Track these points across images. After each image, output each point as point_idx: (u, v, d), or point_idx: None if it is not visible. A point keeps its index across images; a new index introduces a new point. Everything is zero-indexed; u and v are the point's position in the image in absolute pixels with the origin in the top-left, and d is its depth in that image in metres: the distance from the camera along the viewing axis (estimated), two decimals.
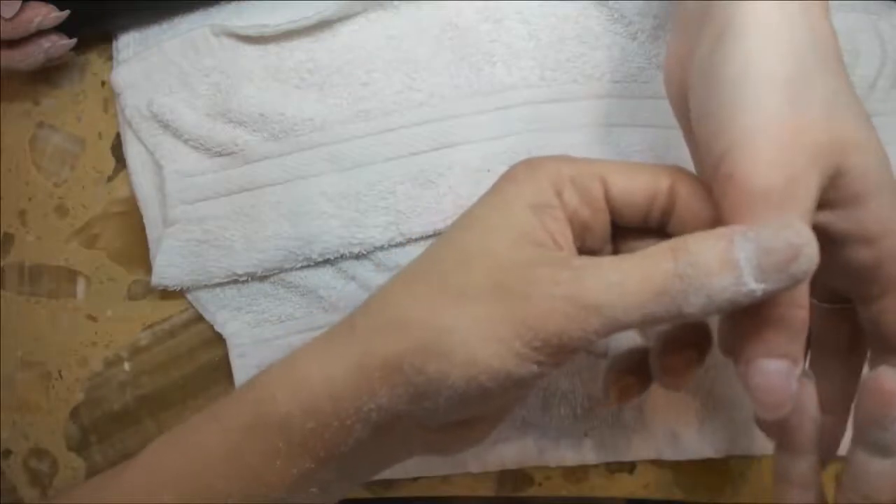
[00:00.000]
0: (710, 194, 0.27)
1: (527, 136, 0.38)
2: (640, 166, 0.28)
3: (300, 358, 0.27)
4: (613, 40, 0.39)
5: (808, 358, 0.31)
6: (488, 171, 0.38)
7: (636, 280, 0.23)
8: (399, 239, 0.38)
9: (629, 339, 0.32)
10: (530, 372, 0.24)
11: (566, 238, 0.27)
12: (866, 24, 0.39)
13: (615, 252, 0.29)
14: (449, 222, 0.38)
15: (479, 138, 0.38)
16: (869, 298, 0.28)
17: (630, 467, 0.40)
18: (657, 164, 0.28)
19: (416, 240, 0.39)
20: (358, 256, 0.39)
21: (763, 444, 0.39)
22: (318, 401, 0.25)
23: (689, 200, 0.27)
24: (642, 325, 0.24)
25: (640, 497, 0.40)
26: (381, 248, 0.39)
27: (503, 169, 0.38)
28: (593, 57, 0.39)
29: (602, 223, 0.28)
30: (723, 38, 0.26)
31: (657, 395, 0.39)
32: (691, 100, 0.28)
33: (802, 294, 0.25)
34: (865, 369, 0.30)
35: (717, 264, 0.23)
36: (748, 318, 0.25)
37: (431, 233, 0.38)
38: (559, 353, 0.24)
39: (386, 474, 0.39)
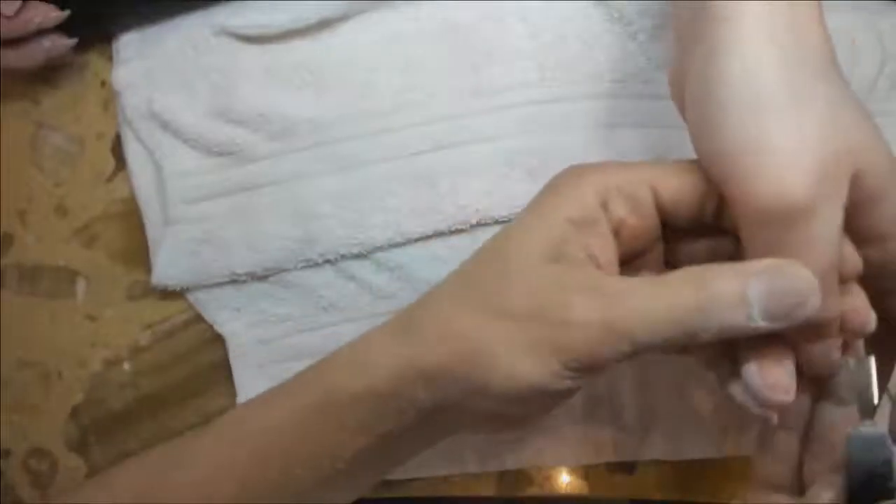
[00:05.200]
0: None
1: (527, 137, 0.38)
2: (688, 166, 0.28)
3: (366, 347, 0.30)
4: (613, 40, 0.39)
5: None
6: (488, 171, 0.38)
7: (662, 310, 0.25)
8: (399, 239, 0.38)
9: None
10: (565, 386, 0.27)
11: (606, 253, 0.28)
12: (866, 23, 0.39)
13: (667, 251, 0.30)
14: (449, 222, 0.38)
15: (478, 138, 0.38)
16: (886, 293, 0.28)
17: (630, 467, 0.40)
18: None
19: (416, 240, 0.38)
20: (358, 256, 0.39)
21: None
22: (379, 387, 0.28)
23: None
24: (660, 347, 0.26)
25: (640, 497, 0.40)
26: (381, 248, 0.38)
27: (503, 169, 0.38)
28: (593, 57, 0.39)
29: (652, 228, 0.29)
30: (712, 57, 0.26)
31: (657, 395, 0.39)
32: (688, 115, 0.28)
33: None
34: None
35: (733, 301, 0.25)
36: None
37: (431, 233, 0.38)
38: (592, 370, 0.26)
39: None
